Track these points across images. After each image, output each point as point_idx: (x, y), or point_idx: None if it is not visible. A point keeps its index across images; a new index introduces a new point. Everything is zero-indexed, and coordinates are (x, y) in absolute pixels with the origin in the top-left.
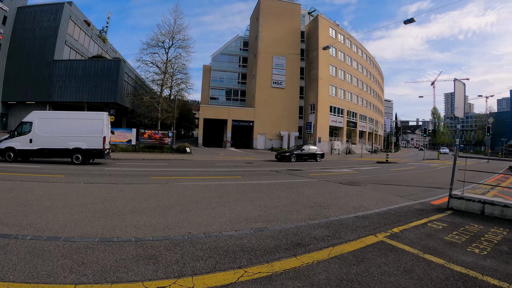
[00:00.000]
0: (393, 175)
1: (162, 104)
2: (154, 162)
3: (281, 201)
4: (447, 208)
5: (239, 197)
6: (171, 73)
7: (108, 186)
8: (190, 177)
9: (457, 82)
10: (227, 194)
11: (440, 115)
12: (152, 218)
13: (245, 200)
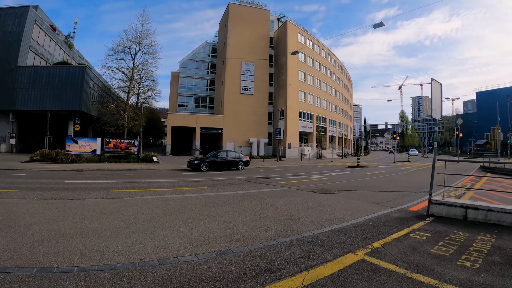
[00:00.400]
0: (366, 180)
1: (128, 112)
2: (118, 173)
3: (248, 215)
4: (427, 214)
5: (202, 212)
6: (138, 80)
7: (62, 202)
8: (153, 189)
9: (434, 82)
10: (190, 209)
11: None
12: (102, 241)
13: (209, 216)
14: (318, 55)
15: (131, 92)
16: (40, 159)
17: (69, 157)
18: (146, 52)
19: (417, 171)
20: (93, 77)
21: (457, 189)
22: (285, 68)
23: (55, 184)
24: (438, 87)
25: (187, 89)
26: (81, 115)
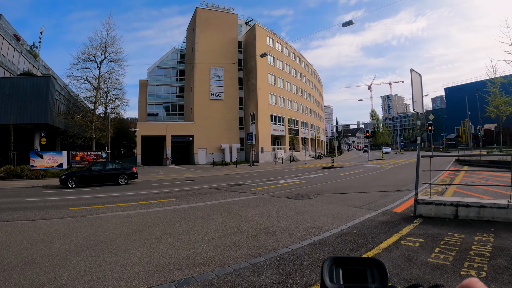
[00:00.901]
0: (342, 181)
1: (95, 123)
2: (84, 188)
3: (217, 230)
4: (414, 216)
5: (165, 229)
6: (105, 89)
7: (13, 224)
8: (116, 205)
9: (413, 73)
10: (152, 226)
11: (379, 117)
12: (45, 273)
13: (172, 234)
14: (287, 57)
15: (98, 102)
16: (5, 176)
17: (34, 172)
18: (112, 60)
19: (394, 168)
20: (59, 88)
21: (438, 185)
22: (254, 71)
23: (15, 203)
24: (418, 79)
25: (156, 97)
26: (47, 128)
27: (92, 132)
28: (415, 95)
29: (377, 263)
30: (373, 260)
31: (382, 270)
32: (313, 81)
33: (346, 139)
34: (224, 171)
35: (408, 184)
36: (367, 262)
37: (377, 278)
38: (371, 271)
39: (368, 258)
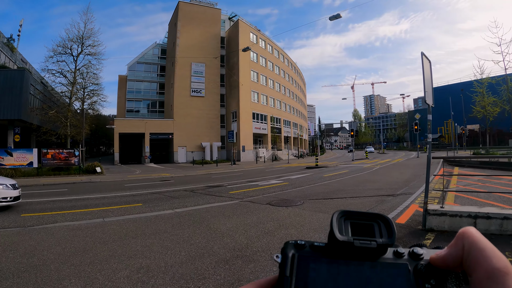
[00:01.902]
0: (329, 183)
1: (70, 119)
2: (52, 189)
3: (180, 251)
4: (424, 229)
5: (115, 249)
6: (82, 84)
7: None
8: (73, 211)
9: (424, 59)
10: (101, 243)
11: (361, 117)
12: None
13: (121, 257)
14: (271, 55)
15: (74, 97)
16: None
17: (3, 171)
18: (89, 53)
19: (382, 168)
20: (34, 82)
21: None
22: (237, 68)
23: None
24: (428, 65)
25: (136, 93)
26: (21, 124)
27: (67, 128)
28: (427, 84)
29: (384, 219)
30: (380, 215)
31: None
32: (297, 79)
33: (328, 138)
34: (203, 170)
35: (402, 187)
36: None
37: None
38: (378, 226)
39: (375, 213)
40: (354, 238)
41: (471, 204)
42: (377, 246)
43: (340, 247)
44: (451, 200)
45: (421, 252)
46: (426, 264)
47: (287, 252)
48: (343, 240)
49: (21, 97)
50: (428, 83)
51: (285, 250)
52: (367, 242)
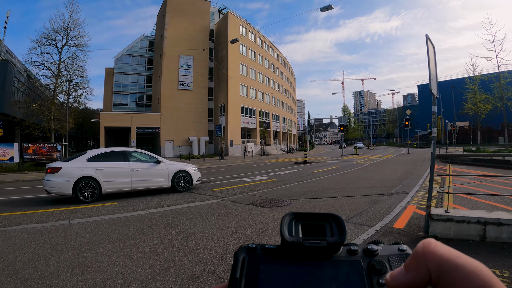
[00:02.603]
0: (319, 180)
1: (54, 113)
2: (31, 185)
3: (143, 263)
4: (426, 236)
5: (71, 259)
6: (67, 76)
7: None
8: (42, 211)
9: (429, 44)
10: (59, 252)
11: (351, 112)
12: None
13: (76, 270)
14: (260, 48)
15: (59, 89)
16: None
17: None
18: (74, 44)
19: (373, 165)
20: (18, 75)
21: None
22: (225, 61)
23: None
24: (432, 51)
25: (123, 87)
26: (4, 118)
27: (51, 122)
28: (431, 71)
29: (335, 218)
30: (331, 215)
31: (340, 225)
32: (286, 74)
33: (317, 134)
34: None
35: (396, 185)
36: (326, 217)
37: (336, 232)
38: (330, 226)
39: (327, 213)
40: (303, 238)
41: (471, 206)
42: (327, 245)
43: (290, 248)
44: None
45: (376, 248)
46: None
47: (239, 256)
48: (292, 240)
49: (4, 90)
50: (433, 70)
51: (237, 253)
52: (317, 242)
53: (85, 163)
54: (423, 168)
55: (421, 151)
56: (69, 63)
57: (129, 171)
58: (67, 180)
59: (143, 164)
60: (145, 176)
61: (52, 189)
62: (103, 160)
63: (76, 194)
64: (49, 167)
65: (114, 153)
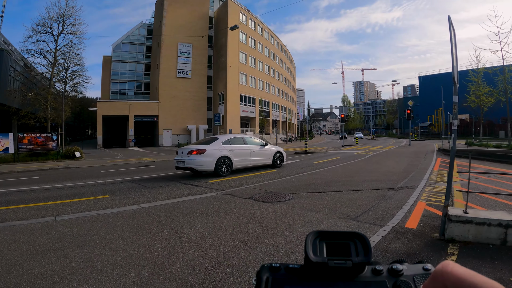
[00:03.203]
0: (322, 172)
1: (51, 102)
2: (25, 176)
3: (130, 271)
4: (443, 239)
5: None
6: (64, 64)
7: None
8: (30, 205)
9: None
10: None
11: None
12: None
13: (53, 277)
14: (260, 36)
15: (55, 78)
16: None
17: None
18: (70, 32)
19: (375, 156)
20: (14, 64)
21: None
22: (225, 49)
23: None
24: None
25: (121, 75)
26: (0, 107)
27: (47, 111)
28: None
29: (360, 237)
30: (356, 234)
31: (366, 244)
32: (287, 63)
33: (317, 123)
34: None
35: (402, 179)
36: (350, 236)
37: (361, 252)
38: (354, 245)
39: (352, 232)
40: (328, 258)
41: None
42: (352, 265)
43: (315, 268)
44: (459, 198)
45: (401, 268)
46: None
47: (262, 276)
48: (317, 261)
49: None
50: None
51: (260, 273)
52: (342, 262)
53: (221, 146)
54: (426, 161)
55: (422, 143)
56: (65, 51)
57: (249, 152)
58: (211, 159)
59: (256, 147)
60: (258, 156)
61: (199, 166)
62: (231, 143)
63: (216, 170)
64: (195, 149)
65: (236, 138)
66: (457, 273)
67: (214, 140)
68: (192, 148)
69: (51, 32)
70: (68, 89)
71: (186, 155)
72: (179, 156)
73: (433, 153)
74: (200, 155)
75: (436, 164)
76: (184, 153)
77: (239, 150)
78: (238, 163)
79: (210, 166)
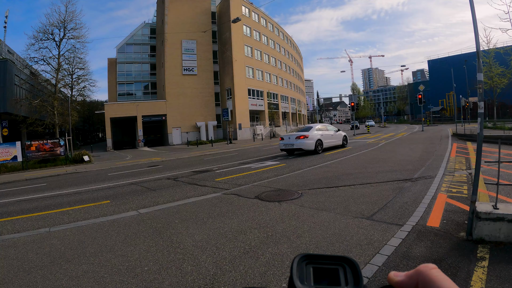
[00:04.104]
0: (332, 164)
1: (57, 108)
2: (32, 184)
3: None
4: (470, 239)
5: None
6: (68, 70)
7: None
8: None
9: None
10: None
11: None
12: None
13: None
14: (265, 28)
15: (61, 83)
16: None
17: None
18: (72, 37)
19: (388, 144)
20: (19, 73)
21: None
22: (229, 43)
23: None
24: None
25: (127, 76)
26: (8, 117)
27: (54, 117)
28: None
29: (350, 262)
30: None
31: (355, 270)
32: (293, 53)
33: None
34: (197, 151)
35: (418, 168)
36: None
37: (350, 279)
38: (343, 270)
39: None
40: (316, 287)
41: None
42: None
43: None
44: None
45: None
46: None
47: None
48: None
49: (5, 89)
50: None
51: None
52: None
53: (315, 132)
54: (442, 147)
55: (435, 128)
56: (69, 56)
57: (330, 135)
58: (312, 141)
59: (333, 132)
60: (335, 138)
61: (305, 146)
62: (321, 130)
63: (315, 148)
64: (301, 135)
65: (323, 126)
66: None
67: (310, 129)
68: (299, 134)
69: (52, 38)
70: (75, 94)
71: (295, 139)
72: (285, 141)
73: (447, 139)
74: (305, 139)
75: (453, 150)
76: (291, 138)
77: (326, 135)
78: (326, 144)
79: (312, 146)
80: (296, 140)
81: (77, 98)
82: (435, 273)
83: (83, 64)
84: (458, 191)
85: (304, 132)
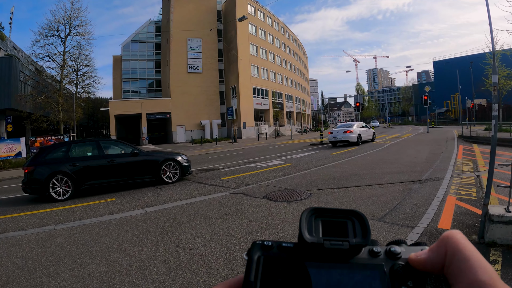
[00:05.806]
0: (339, 164)
1: (62, 104)
2: None
3: None
4: (482, 242)
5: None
6: (73, 66)
7: None
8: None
9: None
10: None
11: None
12: None
13: None
14: (270, 27)
15: (65, 80)
16: None
17: None
18: (78, 33)
19: (394, 145)
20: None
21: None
22: (235, 42)
23: None
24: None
25: (132, 74)
26: (12, 113)
27: (59, 114)
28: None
29: (358, 216)
30: (354, 212)
31: (364, 224)
32: (298, 53)
33: (331, 113)
34: (202, 149)
35: (426, 169)
36: (348, 213)
37: (359, 232)
38: (352, 223)
39: (349, 209)
40: (324, 239)
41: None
42: (349, 247)
43: (309, 249)
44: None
45: (399, 250)
46: (404, 265)
47: (253, 255)
48: (312, 241)
49: (9, 86)
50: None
51: (251, 252)
52: (339, 243)
53: (356, 128)
54: (448, 148)
55: (441, 130)
56: (74, 53)
57: (366, 131)
58: (355, 135)
59: (366, 129)
60: (368, 134)
61: (350, 139)
62: (359, 126)
63: (357, 141)
64: (348, 129)
65: (360, 123)
66: (459, 242)
67: (353, 125)
68: (346, 129)
69: (58, 35)
70: (79, 91)
71: (343, 133)
72: (335, 134)
73: (453, 140)
74: (350, 133)
75: (459, 152)
76: (339, 133)
77: (362, 130)
78: (363, 137)
79: (355, 139)
80: (344, 134)
81: (82, 95)
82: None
83: (88, 61)
84: (467, 194)
85: (349, 127)
